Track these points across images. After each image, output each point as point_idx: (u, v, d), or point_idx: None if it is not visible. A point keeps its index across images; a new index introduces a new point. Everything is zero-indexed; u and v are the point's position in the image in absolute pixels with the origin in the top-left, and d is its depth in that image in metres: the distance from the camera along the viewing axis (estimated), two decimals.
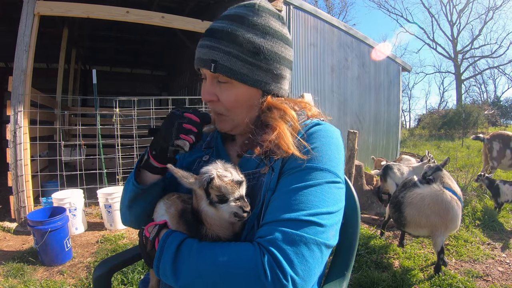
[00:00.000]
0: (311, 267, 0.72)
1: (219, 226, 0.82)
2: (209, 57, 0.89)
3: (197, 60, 0.94)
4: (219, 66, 0.88)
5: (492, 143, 5.90)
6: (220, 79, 0.92)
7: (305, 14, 6.63)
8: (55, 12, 4.14)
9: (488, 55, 30.92)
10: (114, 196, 3.88)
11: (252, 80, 0.91)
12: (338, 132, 0.96)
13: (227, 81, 0.92)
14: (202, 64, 0.92)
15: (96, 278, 1.08)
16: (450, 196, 2.85)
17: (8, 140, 3.88)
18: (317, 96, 7.01)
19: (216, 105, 0.96)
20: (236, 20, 0.90)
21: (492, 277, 2.91)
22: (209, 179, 0.77)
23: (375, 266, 3.06)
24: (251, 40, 0.89)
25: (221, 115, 0.97)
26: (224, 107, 0.95)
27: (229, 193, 0.77)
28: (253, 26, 0.90)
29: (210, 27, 0.94)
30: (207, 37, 0.92)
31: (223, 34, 0.89)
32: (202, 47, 0.92)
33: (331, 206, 0.80)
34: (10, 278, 2.76)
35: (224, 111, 0.95)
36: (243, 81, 0.91)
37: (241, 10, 0.92)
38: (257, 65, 0.91)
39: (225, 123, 0.99)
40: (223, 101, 0.94)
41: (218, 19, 0.95)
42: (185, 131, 0.89)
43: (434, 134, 19.95)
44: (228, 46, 0.88)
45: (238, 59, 0.89)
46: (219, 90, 0.94)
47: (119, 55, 11.47)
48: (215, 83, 0.94)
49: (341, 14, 32.85)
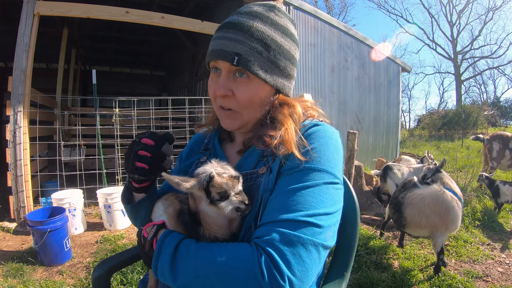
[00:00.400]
0: (309, 268, 0.72)
1: (218, 226, 0.82)
2: (233, 49, 0.87)
3: (216, 52, 0.90)
4: (242, 60, 0.87)
5: (492, 143, 5.91)
6: (239, 73, 0.90)
7: (305, 14, 6.63)
8: (55, 12, 4.14)
9: (488, 55, 30.93)
10: (113, 196, 3.88)
11: (270, 77, 0.92)
12: (337, 132, 0.95)
13: (247, 76, 0.90)
14: (223, 56, 0.88)
15: (95, 278, 1.08)
16: (451, 197, 2.85)
17: (8, 140, 3.88)
18: (317, 96, 7.01)
19: (229, 100, 0.93)
20: (259, 17, 0.90)
21: (492, 278, 2.91)
22: (209, 177, 0.78)
23: (375, 266, 3.06)
24: (274, 39, 0.90)
25: (232, 111, 0.94)
26: (237, 103, 0.92)
27: (230, 188, 0.79)
28: (275, 25, 0.92)
29: (231, 20, 0.92)
30: (230, 29, 0.90)
31: (248, 29, 0.88)
32: (224, 39, 0.89)
33: (329, 207, 0.80)
34: (9, 278, 2.76)
35: (236, 107, 0.93)
36: (262, 77, 0.90)
37: (263, 9, 0.93)
38: (277, 64, 0.92)
39: (234, 120, 0.96)
40: (239, 97, 0.91)
41: (237, 13, 0.94)
42: (139, 158, 0.89)
43: (434, 134, 19.95)
44: (252, 41, 0.88)
45: (261, 56, 0.89)
46: (235, 85, 0.91)
47: (119, 55, 11.49)
48: (231, 77, 0.91)
49: (341, 15, 32.89)
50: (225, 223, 0.83)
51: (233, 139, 1.09)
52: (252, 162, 0.94)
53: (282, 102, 0.96)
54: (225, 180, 0.78)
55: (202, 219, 0.81)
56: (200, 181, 0.78)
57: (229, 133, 1.10)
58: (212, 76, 0.96)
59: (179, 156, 1.22)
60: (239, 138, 1.06)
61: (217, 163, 0.82)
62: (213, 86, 0.95)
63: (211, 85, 0.96)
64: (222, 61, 0.89)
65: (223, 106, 0.95)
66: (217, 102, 0.96)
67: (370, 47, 8.71)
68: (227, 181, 0.79)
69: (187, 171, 1.08)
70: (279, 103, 0.96)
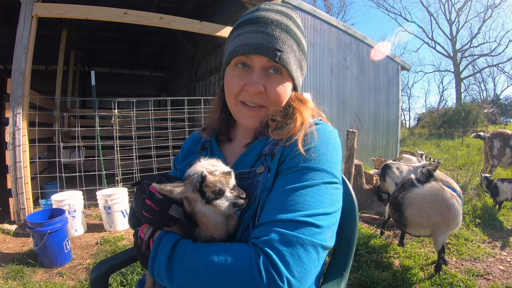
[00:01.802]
0: (307, 269, 0.71)
1: (214, 226, 0.81)
2: (274, 45, 0.88)
3: (254, 46, 0.88)
4: (284, 57, 0.89)
5: (492, 141, 5.91)
6: (273, 70, 0.91)
7: (303, 14, 6.63)
8: (53, 14, 4.14)
9: (487, 53, 30.96)
10: (113, 198, 3.88)
11: (296, 74, 0.96)
12: (335, 132, 0.95)
13: (280, 73, 0.92)
14: (264, 51, 0.87)
15: (93, 279, 1.08)
16: (450, 194, 2.85)
17: (7, 142, 3.88)
18: (316, 95, 7.01)
19: (261, 97, 0.92)
20: (289, 17, 0.93)
21: (493, 276, 2.90)
22: (201, 178, 0.77)
23: (375, 265, 3.06)
24: (301, 40, 0.96)
25: (258, 108, 0.94)
26: (268, 99, 0.93)
27: (224, 185, 0.77)
28: (299, 27, 0.97)
29: (260, 15, 0.92)
30: (265, 24, 0.89)
31: (286, 27, 0.91)
32: (262, 33, 0.88)
33: (328, 207, 0.79)
34: (9, 280, 2.75)
35: (265, 103, 0.93)
36: (294, 76, 0.94)
37: (287, 10, 0.96)
38: (301, 63, 0.98)
39: (258, 118, 0.95)
40: (271, 93, 0.92)
41: (261, 10, 0.94)
42: (145, 208, 0.83)
43: (434, 133, 19.95)
44: (290, 40, 0.91)
45: (295, 55, 0.93)
46: (268, 81, 0.91)
47: (118, 56, 11.49)
48: (264, 73, 0.91)
49: (339, 14, 32.93)
50: (222, 221, 0.82)
51: (231, 139, 1.09)
52: (250, 161, 0.94)
53: (297, 97, 1.00)
54: (217, 177, 0.77)
55: (199, 219, 0.80)
56: (192, 183, 0.77)
57: (228, 135, 1.09)
58: (236, 71, 0.93)
59: (175, 158, 1.21)
60: (240, 136, 1.06)
61: (207, 161, 0.81)
62: (238, 83, 0.92)
63: (233, 80, 0.93)
64: (258, 56, 0.88)
65: (249, 103, 0.93)
66: (238, 98, 0.94)
67: (370, 46, 8.71)
68: (220, 178, 0.77)
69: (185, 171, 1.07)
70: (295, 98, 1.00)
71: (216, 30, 5.06)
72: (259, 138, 0.96)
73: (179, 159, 1.17)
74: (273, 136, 0.90)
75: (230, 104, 0.98)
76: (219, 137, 1.10)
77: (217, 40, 6.83)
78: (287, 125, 0.91)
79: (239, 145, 1.03)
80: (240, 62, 0.92)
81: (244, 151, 0.97)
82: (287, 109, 0.95)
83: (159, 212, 0.82)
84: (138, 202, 0.85)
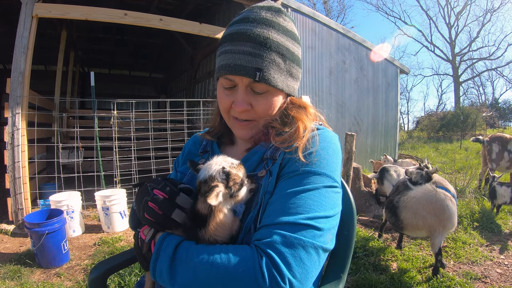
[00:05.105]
0: (309, 270, 0.72)
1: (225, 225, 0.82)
2: (253, 65, 0.85)
3: (234, 67, 0.86)
4: (264, 75, 0.85)
5: (491, 145, 5.93)
6: (258, 88, 0.89)
7: (303, 16, 6.65)
8: (53, 14, 4.14)
9: (486, 57, 31.04)
10: (111, 199, 3.88)
11: (286, 86, 0.93)
12: (336, 137, 0.96)
13: (267, 90, 0.90)
14: (244, 71, 0.85)
15: (91, 280, 1.08)
16: (444, 195, 2.85)
17: (6, 142, 3.87)
18: (315, 98, 7.02)
19: (248, 114, 0.93)
20: (272, 25, 0.88)
21: (491, 279, 2.91)
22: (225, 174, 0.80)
23: (373, 268, 3.06)
24: (288, 48, 0.90)
25: (248, 122, 0.95)
26: (256, 114, 0.93)
27: (244, 175, 0.83)
28: (287, 33, 0.90)
29: (241, 30, 0.88)
30: (244, 41, 0.86)
31: (265, 41, 0.86)
32: (241, 53, 0.86)
33: (328, 210, 0.80)
34: (7, 280, 2.74)
35: (254, 117, 0.94)
36: (281, 88, 0.90)
37: (271, 15, 0.90)
38: (290, 72, 0.93)
39: (250, 130, 0.97)
40: (258, 109, 0.91)
41: (244, 21, 0.89)
42: (148, 211, 0.83)
43: (433, 136, 19.99)
44: (271, 54, 0.86)
45: (279, 67, 0.88)
46: (254, 98, 0.91)
47: (118, 57, 11.49)
48: (249, 91, 0.90)
49: (339, 17, 33.06)
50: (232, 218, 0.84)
51: (233, 142, 1.10)
52: (252, 165, 0.95)
53: (294, 103, 0.99)
54: (237, 170, 0.82)
55: (214, 217, 0.79)
56: (225, 184, 0.80)
57: (230, 137, 1.10)
58: (224, 90, 0.94)
59: (175, 161, 1.22)
60: (241, 140, 1.06)
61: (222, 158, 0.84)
62: (226, 100, 0.93)
63: (223, 98, 0.94)
64: (241, 77, 0.87)
65: (239, 118, 0.95)
66: (230, 114, 0.96)
67: (369, 49, 8.74)
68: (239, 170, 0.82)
69: (185, 173, 1.08)
70: (295, 103, 0.99)
71: (216, 32, 5.07)
72: (259, 144, 0.97)
73: (179, 162, 1.18)
74: (277, 145, 0.90)
75: (224, 117, 1.00)
76: (221, 139, 1.11)
77: (216, 42, 6.81)
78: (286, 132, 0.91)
79: (241, 149, 1.04)
80: (225, 80, 0.91)
81: (246, 155, 0.98)
82: (286, 117, 0.95)
83: (162, 215, 0.82)
84: (141, 204, 0.85)
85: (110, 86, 12.01)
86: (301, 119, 0.93)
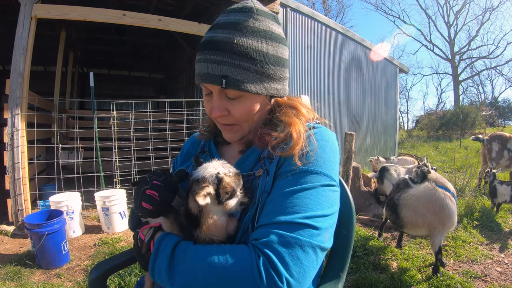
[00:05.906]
0: (306, 270, 0.72)
1: (217, 227, 0.82)
2: (219, 72, 0.84)
3: (203, 76, 0.87)
4: (231, 81, 0.84)
5: (491, 144, 5.93)
6: (230, 94, 0.89)
7: (302, 16, 6.65)
8: (52, 15, 4.14)
9: (485, 56, 31.01)
10: (111, 199, 3.88)
11: (262, 88, 0.89)
12: (333, 135, 0.96)
13: (240, 95, 0.89)
14: (210, 80, 0.86)
15: (91, 280, 1.08)
16: (443, 193, 2.86)
17: (6, 143, 3.87)
18: (315, 98, 7.02)
19: (226, 119, 0.93)
20: (237, 28, 0.85)
21: (491, 278, 2.91)
22: (217, 180, 0.79)
23: (373, 267, 3.06)
24: (258, 49, 0.86)
25: (232, 126, 0.95)
26: (235, 119, 0.93)
27: (237, 186, 0.82)
28: (257, 33, 0.87)
29: (210, 38, 0.88)
30: (211, 50, 0.86)
31: (229, 46, 0.84)
32: (208, 62, 0.86)
33: (326, 209, 0.80)
34: (7, 281, 2.75)
35: (235, 121, 0.94)
36: (254, 92, 0.88)
37: (240, 17, 0.87)
38: (266, 73, 0.89)
39: (235, 133, 0.97)
40: (235, 114, 0.91)
41: (215, 27, 0.89)
42: (145, 198, 0.84)
43: (432, 135, 19.98)
44: (236, 59, 0.84)
45: (249, 71, 0.85)
46: (230, 104, 0.90)
47: (117, 58, 11.47)
48: (223, 97, 0.90)
49: (338, 16, 32.96)
50: (225, 221, 0.84)
51: (229, 142, 1.10)
52: (250, 164, 0.95)
53: (283, 104, 0.97)
54: (231, 179, 0.80)
55: (204, 220, 0.81)
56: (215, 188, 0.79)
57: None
58: (205, 96, 0.96)
59: (174, 161, 1.22)
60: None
61: (218, 163, 0.84)
62: (208, 105, 0.95)
63: (205, 103, 0.97)
64: (212, 85, 0.88)
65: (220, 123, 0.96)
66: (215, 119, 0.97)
67: (368, 48, 8.74)
68: (234, 179, 0.81)
69: None
70: (282, 105, 0.97)
71: None
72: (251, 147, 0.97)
73: (178, 162, 1.18)
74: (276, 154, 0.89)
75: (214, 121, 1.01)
76: (218, 139, 1.11)
77: None
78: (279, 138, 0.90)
79: (236, 149, 1.04)
80: (204, 88, 0.93)
81: (244, 155, 0.98)
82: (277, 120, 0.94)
83: (159, 202, 0.84)
84: (138, 195, 0.86)
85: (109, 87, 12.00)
86: (293, 123, 0.91)
